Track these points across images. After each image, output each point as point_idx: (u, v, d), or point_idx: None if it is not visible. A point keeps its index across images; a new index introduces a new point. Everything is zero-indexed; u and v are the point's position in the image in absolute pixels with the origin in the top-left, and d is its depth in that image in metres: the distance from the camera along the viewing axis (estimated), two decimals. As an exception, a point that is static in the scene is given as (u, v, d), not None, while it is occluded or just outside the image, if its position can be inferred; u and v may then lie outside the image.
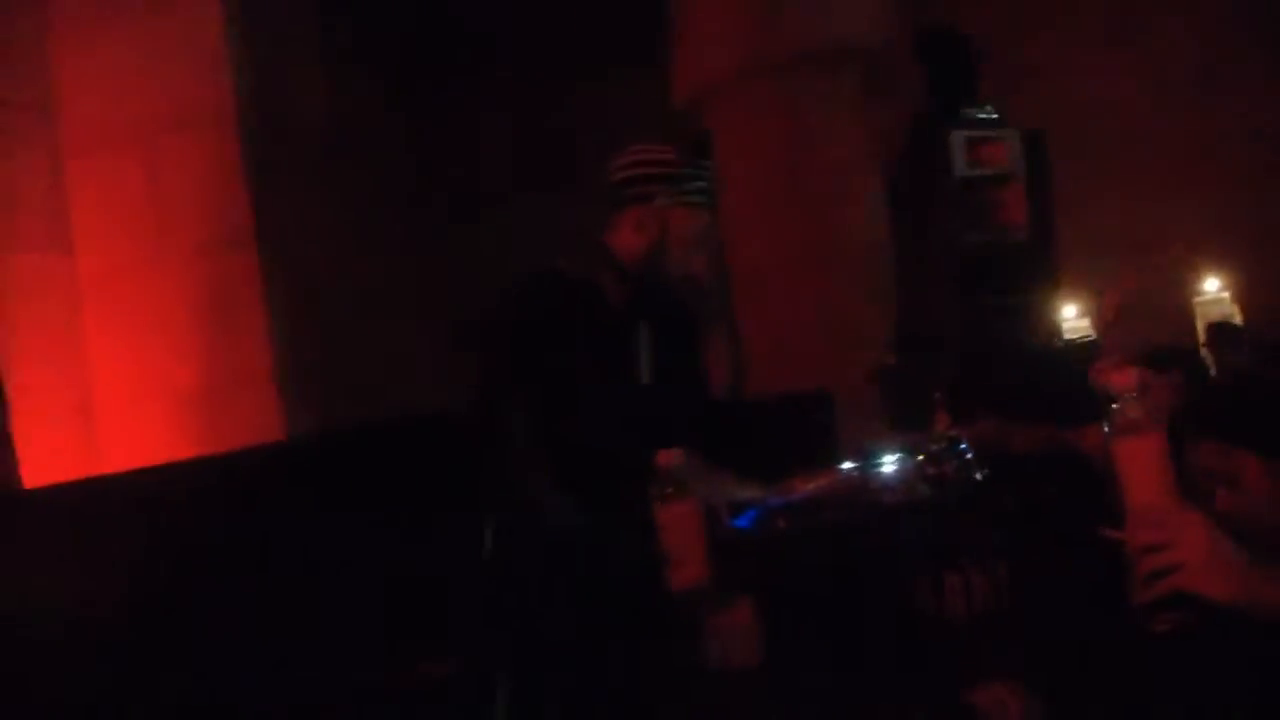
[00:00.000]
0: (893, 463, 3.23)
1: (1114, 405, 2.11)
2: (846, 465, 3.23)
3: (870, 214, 7.20)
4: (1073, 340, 7.91)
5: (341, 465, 2.24)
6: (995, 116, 7.01)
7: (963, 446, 3.39)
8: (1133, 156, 8.53)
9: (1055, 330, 7.51)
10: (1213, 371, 4.97)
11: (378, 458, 2.22)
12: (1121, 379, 2.10)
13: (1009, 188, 6.93)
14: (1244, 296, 6.68)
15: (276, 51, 8.14)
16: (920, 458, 3.17)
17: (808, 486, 2.91)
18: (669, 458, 2.38)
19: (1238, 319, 7.94)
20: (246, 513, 2.27)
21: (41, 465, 8.21)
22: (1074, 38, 8.16)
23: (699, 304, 3.35)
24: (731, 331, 7.38)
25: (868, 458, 3.28)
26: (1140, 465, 2.07)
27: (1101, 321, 4.89)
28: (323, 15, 8.74)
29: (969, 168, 6.83)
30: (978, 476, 3.00)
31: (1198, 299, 6.95)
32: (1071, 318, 9.57)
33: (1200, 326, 6.31)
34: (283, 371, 8.10)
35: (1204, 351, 5.54)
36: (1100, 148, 8.39)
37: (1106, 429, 2.13)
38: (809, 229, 7.28)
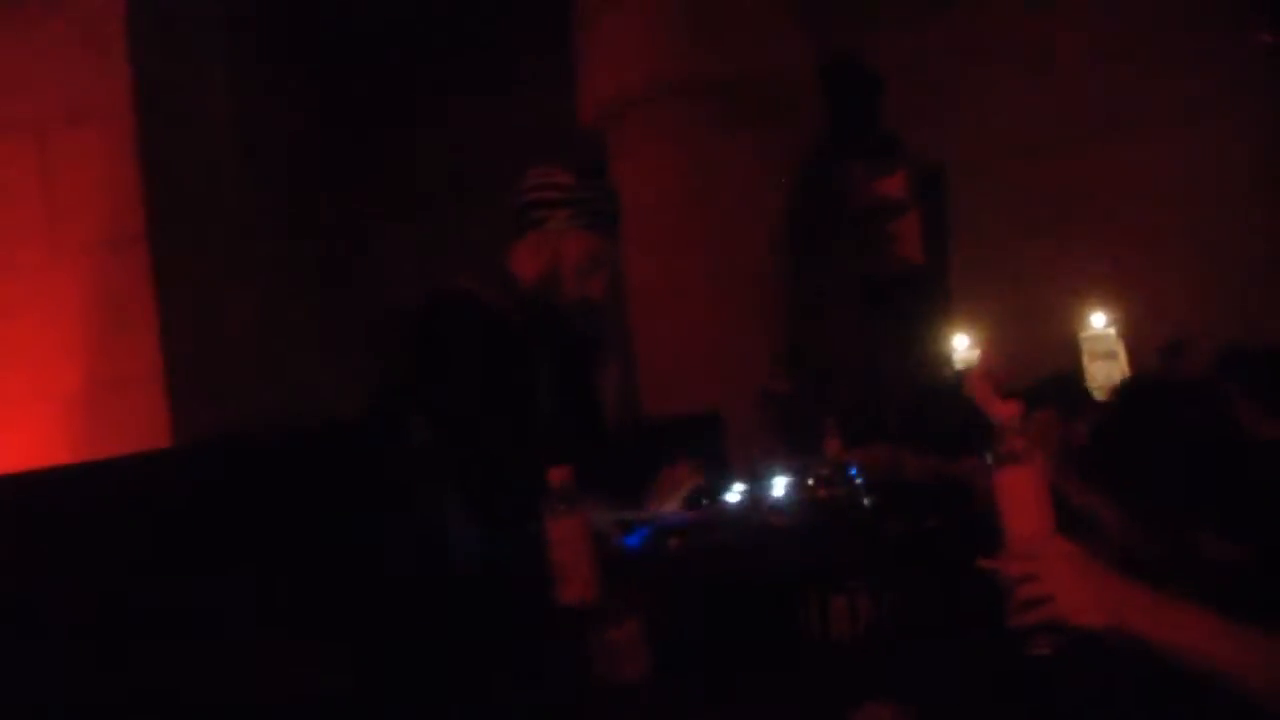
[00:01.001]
0: (783, 485, 3.28)
1: (996, 436, 2.17)
2: (738, 487, 3.28)
3: (767, 241, 7.27)
4: (963, 371, 8.03)
5: (235, 473, 2.23)
6: (894, 147, 7.11)
7: (852, 472, 3.45)
8: (1033, 191, 8.73)
9: (946, 361, 7.63)
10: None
11: (274, 465, 2.21)
12: (1004, 410, 2.16)
13: (905, 219, 7.04)
14: (1130, 334, 6.84)
15: (179, 48, 8.05)
16: (810, 481, 3.22)
17: (697, 508, 2.95)
18: (560, 475, 2.40)
19: (1122, 356, 8.13)
20: (132, 520, 2.24)
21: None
22: (982, 71, 8.32)
23: (595, 327, 3.37)
24: (625, 354, 7.41)
25: (758, 480, 3.32)
26: (1017, 496, 2.13)
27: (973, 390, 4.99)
28: (229, 13, 8.65)
29: (865, 199, 6.93)
30: (865, 502, 3.05)
31: (1084, 334, 7.10)
32: (963, 349, 9.72)
33: (1086, 362, 6.45)
34: (172, 375, 7.99)
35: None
36: (1001, 181, 8.58)
37: (989, 459, 2.19)
38: (705, 253, 7.34)
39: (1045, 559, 2.06)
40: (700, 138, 7.28)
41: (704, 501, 3.27)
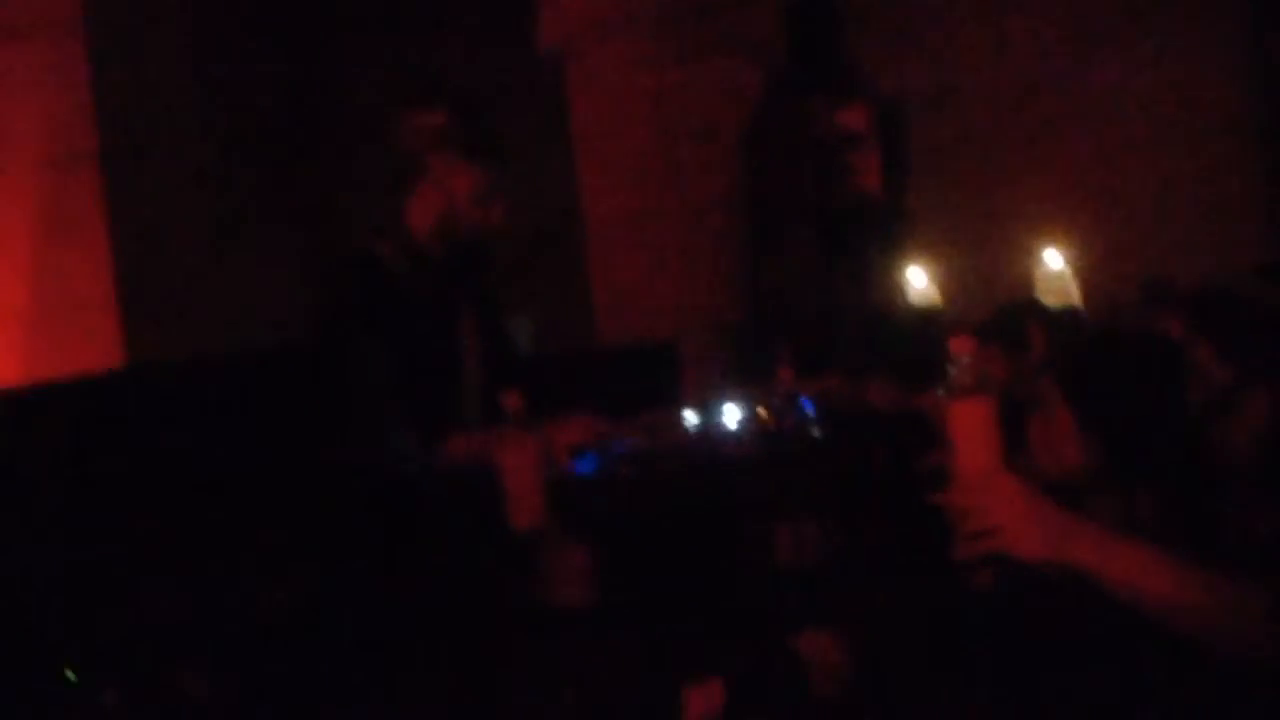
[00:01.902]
0: (733, 415, 3.29)
1: (949, 369, 2.18)
2: (689, 414, 3.28)
3: (727, 171, 7.25)
4: (918, 306, 8.06)
5: (184, 395, 2.21)
6: (855, 80, 7.08)
7: (804, 402, 3.46)
8: (993, 131, 8.71)
9: (902, 295, 7.63)
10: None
11: (223, 388, 2.20)
12: (958, 345, 2.17)
13: (866, 154, 7.01)
14: (1085, 275, 6.87)
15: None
16: (761, 411, 3.23)
17: (649, 434, 2.95)
18: (513, 400, 2.40)
19: (1076, 295, 8.16)
20: (82, 440, 2.23)
21: None
22: (950, 7, 8.28)
23: (503, 255, 3.35)
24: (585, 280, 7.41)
25: (710, 408, 3.33)
26: (967, 429, 2.14)
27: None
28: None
29: (824, 131, 6.90)
30: (815, 434, 3.07)
31: (1039, 272, 7.12)
32: (918, 282, 9.74)
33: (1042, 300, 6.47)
34: (124, 297, 7.92)
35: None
36: (963, 120, 8.56)
37: (941, 392, 2.21)
38: (665, 183, 7.32)
39: (992, 492, 2.08)
40: (665, 69, 7.24)
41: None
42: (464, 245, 3.20)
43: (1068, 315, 6.04)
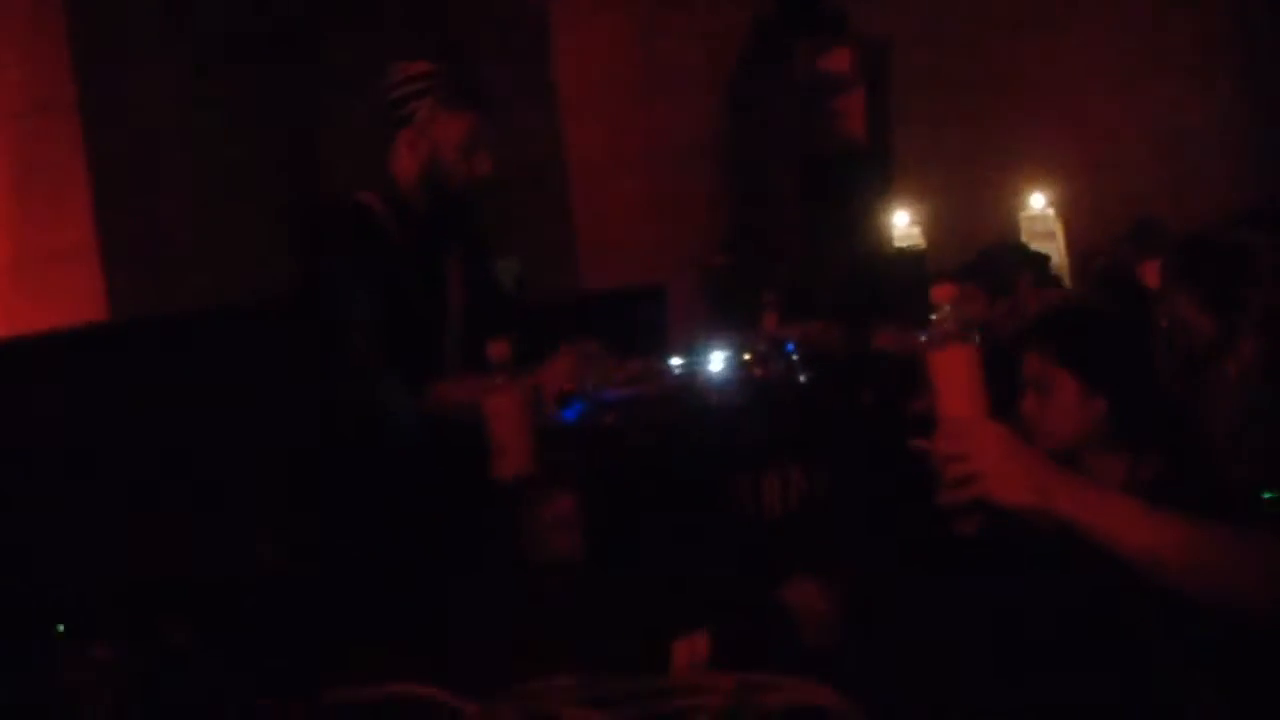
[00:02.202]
0: (719, 361, 3.29)
1: (931, 316, 2.18)
2: (674, 361, 3.28)
3: (708, 114, 7.24)
4: (901, 248, 8.07)
5: (172, 349, 2.21)
6: (840, 24, 7.06)
7: (789, 348, 3.46)
8: (977, 74, 8.67)
9: (886, 238, 7.64)
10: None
11: (209, 343, 2.20)
12: (939, 292, 2.16)
13: (849, 97, 7.00)
14: (1069, 215, 6.85)
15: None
16: (746, 357, 3.23)
17: (635, 383, 2.95)
18: (500, 349, 2.40)
19: (1060, 236, 8.15)
20: (71, 393, 2.23)
21: None
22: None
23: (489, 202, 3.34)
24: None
25: (695, 354, 3.33)
26: (949, 376, 2.14)
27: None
28: None
29: (808, 76, 6.88)
30: (801, 379, 3.07)
31: (1023, 214, 7.11)
32: (903, 225, 9.74)
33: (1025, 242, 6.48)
34: (107, 248, 7.88)
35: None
36: (947, 63, 8.51)
37: (923, 339, 2.21)
38: (649, 127, 7.30)
39: (976, 438, 2.08)
40: (648, 11, 7.21)
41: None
42: (450, 195, 3.19)
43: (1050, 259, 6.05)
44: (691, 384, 2.63)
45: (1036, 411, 2.60)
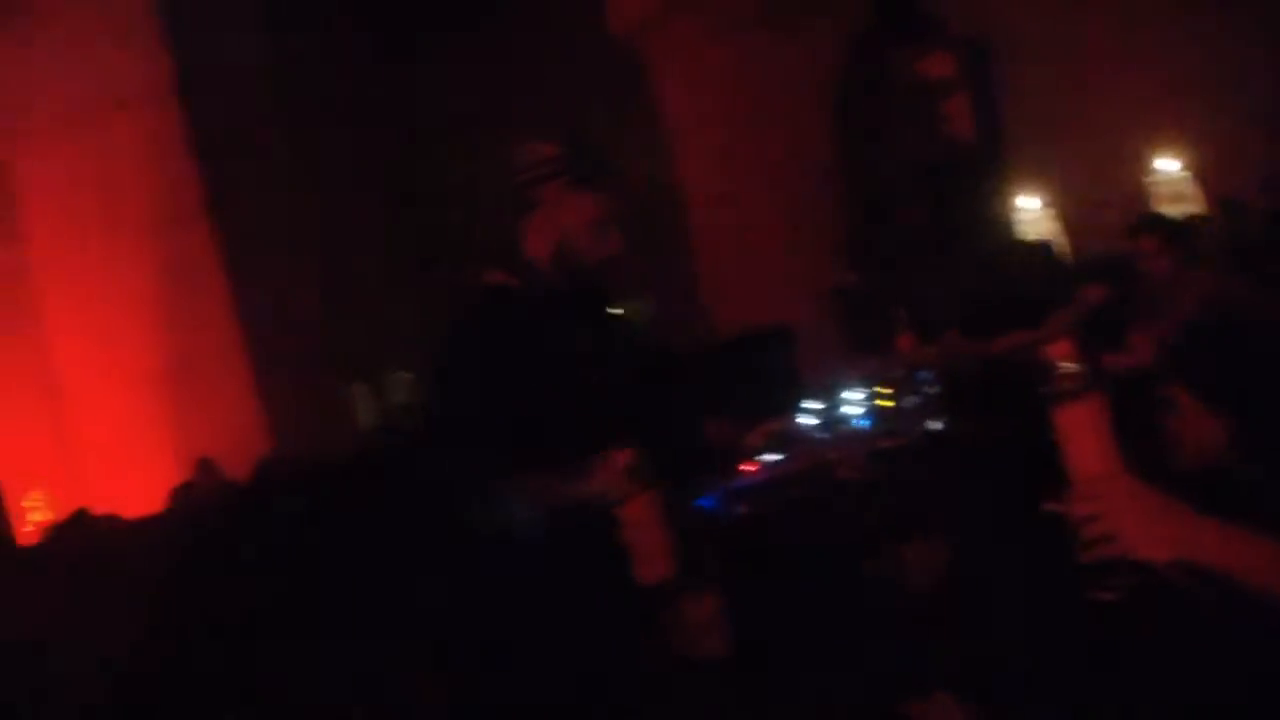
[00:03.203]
0: (853, 405, 3.28)
1: (1052, 374, 2.15)
2: (802, 416, 3.28)
3: (821, 134, 7.19)
4: (1026, 241, 7.94)
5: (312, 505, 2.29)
6: (937, 28, 6.97)
7: (921, 376, 3.43)
8: (1081, 28, 8.50)
9: (1010, 234, 7.53)
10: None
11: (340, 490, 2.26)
12: (1056, 350, 2.14)
13: (954, 99, 6.90)
14: (1209, 177, 6.67)
15: (213, 23, 8.04)
16: (881, 392, 3.22)
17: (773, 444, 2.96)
18: (626, 456, 2.42)
19: (1195, 197, 7.94)
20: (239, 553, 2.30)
21: (14, 450, 8.26)
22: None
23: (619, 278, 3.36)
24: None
25: (828, 398, 3.32)
26: (1077, 434, 2.11)
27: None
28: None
29: (911, 82, 6.80)
30: (932, 426, 3.04)
31: (1151, 179, 6.92)
32: (1033, 210, 9.58)
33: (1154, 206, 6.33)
34: (250, 343, 8.11)
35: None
36: (1051, 45, 8.37)
37: (1043, 393, 2.18)
38: (760, 152, 7.29)
39: (1109, 496, 2.05)
40: (744, 36, 7.22)
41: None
42: (583, 273, 3.22)
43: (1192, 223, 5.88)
44: (820, 462, 2.63)
45: (1182, 427, 2.54)
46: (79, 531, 6.00)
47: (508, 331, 3.10)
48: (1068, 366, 2.15)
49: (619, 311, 3.51)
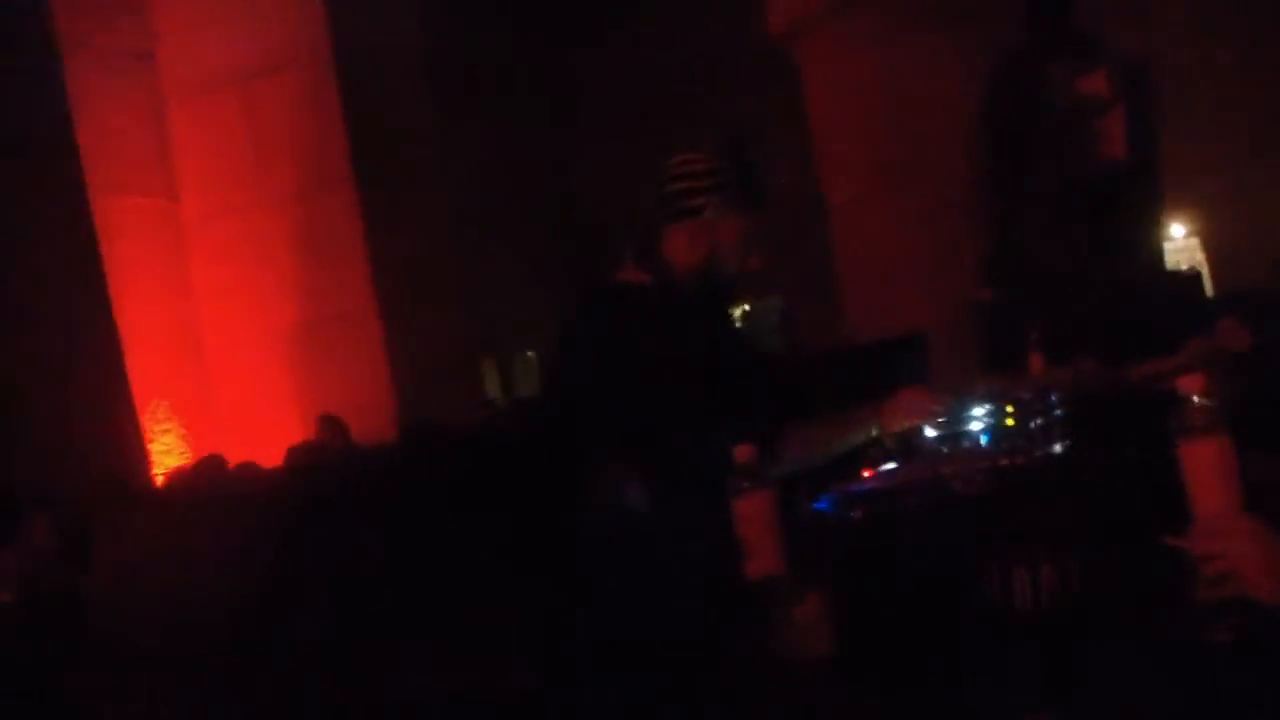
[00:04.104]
0: (978, 421, 3.25)
1: (1182, 408, 2.13)
2: (928, 432, 3.26)
3: (967, 145, 7.11)
4: (1174, 271, 7.78)
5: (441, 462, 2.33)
6: (1094, 45, 6.85)
7: (1052, 399, 3.39)
8: (1245, 72, 8.33)
9: (1158, 261, 7.39)
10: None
11: (452, 464, 2.30)
12: (1189, 384, 2.11)
13: (1109, 118, 6.78)
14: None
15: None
16: (1008, 411, 3.19)
17: (881, 473, 2.96)
18: (745, 452, 2.44)
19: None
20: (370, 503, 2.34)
21: (155, 395, 8.52)
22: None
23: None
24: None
25: (955, 412, 3.30)
26: (1203, 471, 2.09)
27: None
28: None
29: (1066, 99, 6.70)
30: (1057, 449, 3.01)
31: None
32: (1179, 239, 9.37)
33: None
34: (384, 309, 8.26)
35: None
36: (1204, 68, 8.20)
37: (1172, 427, 2.16)
38: (906, 160, 7.23)
39: (1231, 535, 2.03)
40: (893, 43, 7.15)
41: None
42: (720, 284, 3.27)
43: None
44: (938, 474, 2.62)
45: None
46: (208, 476, 6.19)
47: (634, 326, 3.14)
48: (1199, 401, 2.12)
49: (745, 307, 3.55)
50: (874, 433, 3.16)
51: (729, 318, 3.56)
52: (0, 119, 6.54)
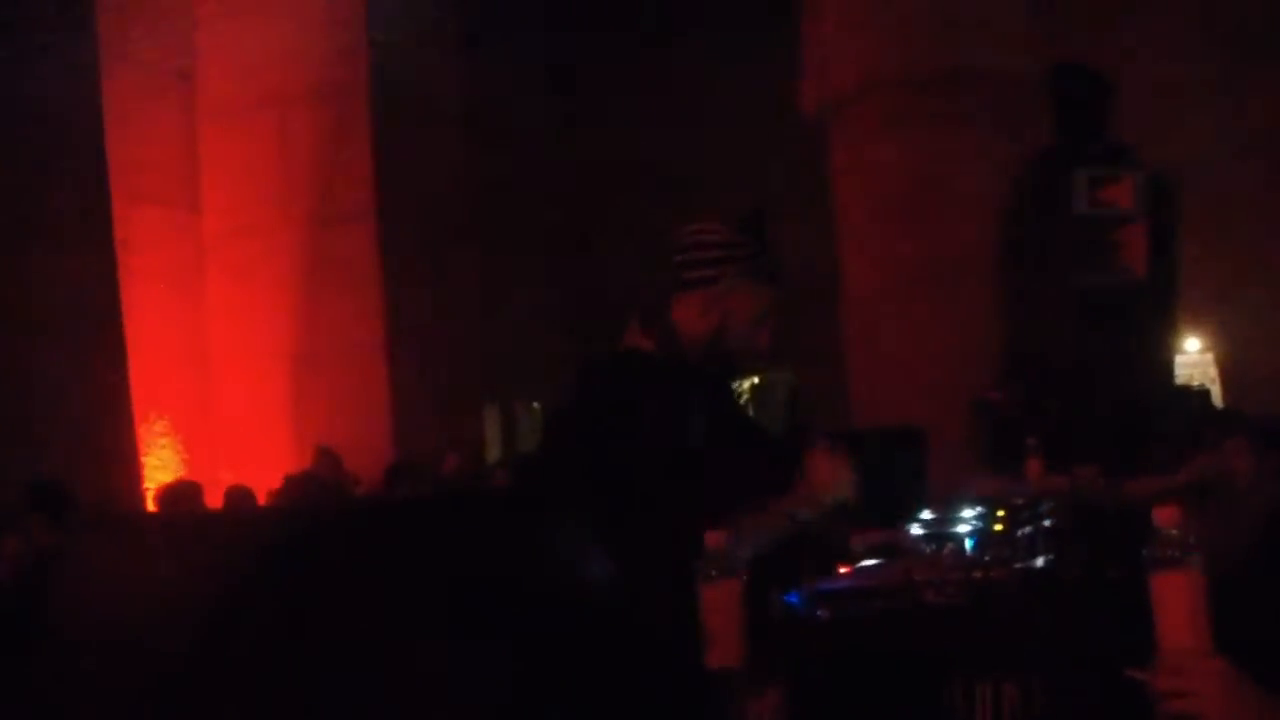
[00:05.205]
0: (963, 524, 3.23)
1: (1155, 538, 2.11)
2: (922, 520, 3.24)
3: (988, 244, 7.12)
4: (1184, 386, 7.75)
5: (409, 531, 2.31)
6: (1123, 155, 6.87)
7: (1042, 509, 3.37)
8: (1270, 189, 8.35)
9: (1168, 375, 7.37)
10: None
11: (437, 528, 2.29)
12: (1163, 514, 2.09)
13: (1131, 228, 6.80)
14: None
15: (411, 31, 8.26)
16: (998, 516, 3.17)
17: (857, 572, 2.94)
18: (717, 538, 2.41)
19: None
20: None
21: (155, 407, 8.53)
22: (1213, 74, 8.01)
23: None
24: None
25: (944, 512, 3.28)
26: (1172, 603, 2.06)
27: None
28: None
29: (1090, 206, 6.71)
30: (1039, 562, 2.99)
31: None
32: (1193, 352, 9.33)
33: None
34: (394, 344, 8.27)
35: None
36: (1233, 184, 8.22)
37: (1144, 555, 2.14)
38: (920, 249, 7.23)
39: (1197, 675, 2.00)
40: (923, 132, 7.16)
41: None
42: (727, 358, 3.25)
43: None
44: (910, 582, 2.59)
45: None
46: (181, 502, 6.17)
47: (634, 395, 3.12)
48: (1171, 533, 2.10)
49: (755, 380, 3.54)
50: (803, 516, 3.10)
51: (732, 393, 3.53)
52: (35, 122, 6.59)
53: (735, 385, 3.48)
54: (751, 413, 6.35)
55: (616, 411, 3.08)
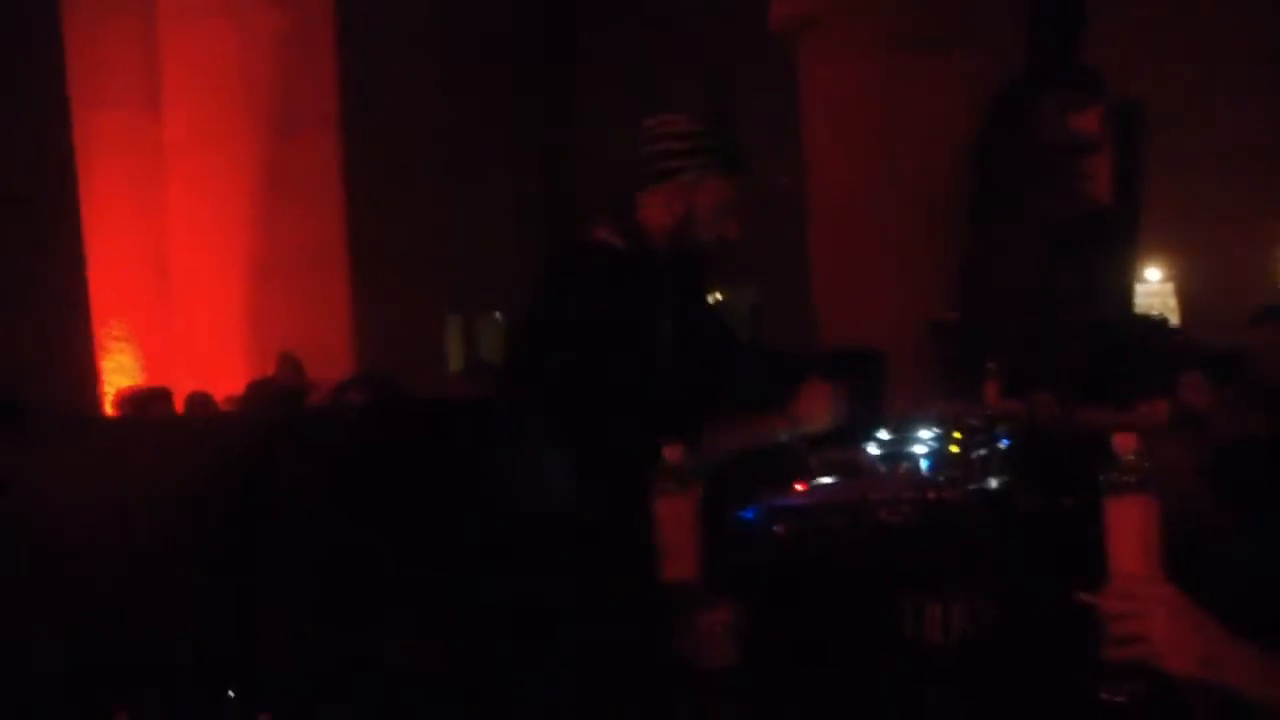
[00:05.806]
0: (923, 442, 3.24)
1: (1112, 464, 2.12)
2: (879, 439, 3.25)
3: (949, 166, 7.12)
4: (1143, 316, 7.80)
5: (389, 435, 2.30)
6: (1092, 83, 6.86)
7: (999, 431, 3.38)
8: (1237, 126, 8.36)
9: (1128, 304, 7.40)
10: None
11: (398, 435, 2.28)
12: (1122, 441, 2.10)
13: (1097, 157, 6.80)
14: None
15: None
16: (954, 437, 3.18)
17: (813, 489, 2.95)
18: (674, 452, 2.41)
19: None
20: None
21: (116, 312, 8.44)
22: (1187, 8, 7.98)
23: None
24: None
25: (905, 432, 3.29)
26: (1124, 528, 2.08)
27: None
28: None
29: (1057, 135, 6.71)
30: (993, 484, 3.00)
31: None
32: (1154, 282, 9.38)
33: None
34: (354, 255, 8.20)
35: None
36: (1202, 118, 8.22)
37: (1100, 482, 2.15)
38: (886, 170, 7.22)
39: (1145, 598, 2.01)
40: (891, 56, 7.13)
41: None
42: (694, 251, 3.23)
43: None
44: (866, 499, 2.60)
45: None
46: (154, 406, 6.13)
47: (601, 287, 3.11)
48: (1129, 458, 2.11)
49: (718, 295, 3.52)
50: (783, 438, 3.16)
51: (701, 288, 3.51)
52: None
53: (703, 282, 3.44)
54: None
55: (579, 303, 3.07)
